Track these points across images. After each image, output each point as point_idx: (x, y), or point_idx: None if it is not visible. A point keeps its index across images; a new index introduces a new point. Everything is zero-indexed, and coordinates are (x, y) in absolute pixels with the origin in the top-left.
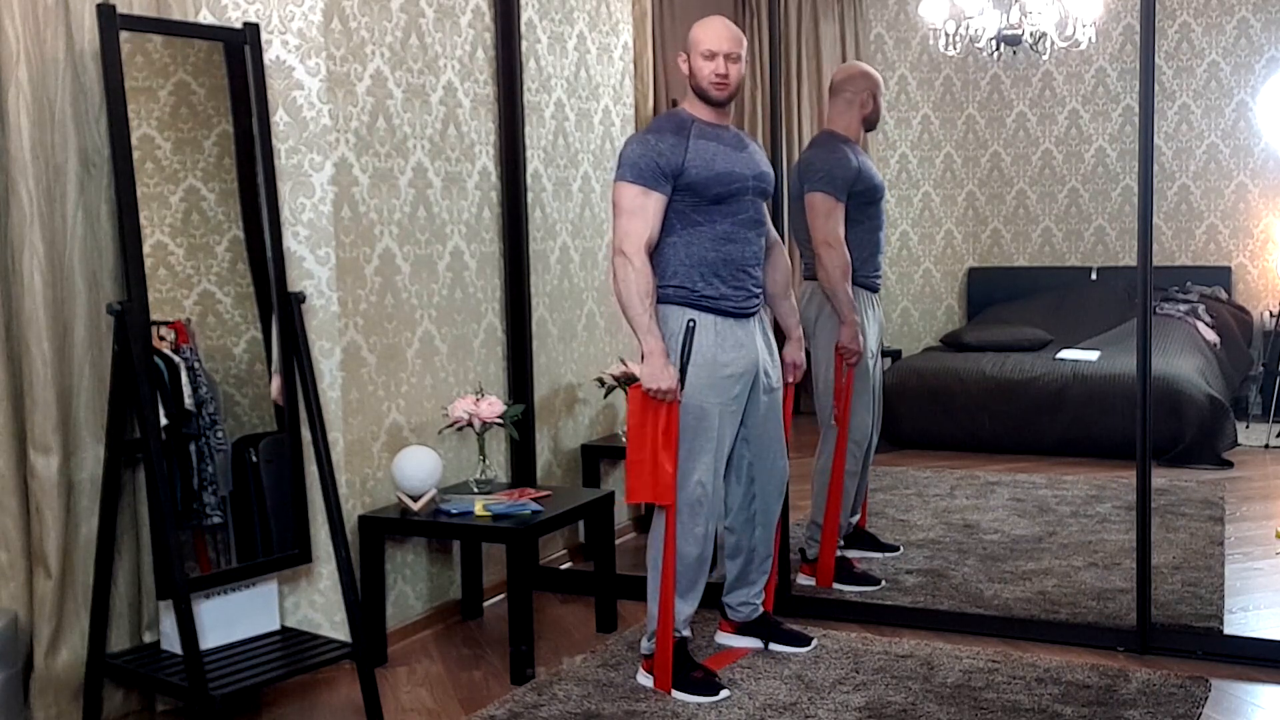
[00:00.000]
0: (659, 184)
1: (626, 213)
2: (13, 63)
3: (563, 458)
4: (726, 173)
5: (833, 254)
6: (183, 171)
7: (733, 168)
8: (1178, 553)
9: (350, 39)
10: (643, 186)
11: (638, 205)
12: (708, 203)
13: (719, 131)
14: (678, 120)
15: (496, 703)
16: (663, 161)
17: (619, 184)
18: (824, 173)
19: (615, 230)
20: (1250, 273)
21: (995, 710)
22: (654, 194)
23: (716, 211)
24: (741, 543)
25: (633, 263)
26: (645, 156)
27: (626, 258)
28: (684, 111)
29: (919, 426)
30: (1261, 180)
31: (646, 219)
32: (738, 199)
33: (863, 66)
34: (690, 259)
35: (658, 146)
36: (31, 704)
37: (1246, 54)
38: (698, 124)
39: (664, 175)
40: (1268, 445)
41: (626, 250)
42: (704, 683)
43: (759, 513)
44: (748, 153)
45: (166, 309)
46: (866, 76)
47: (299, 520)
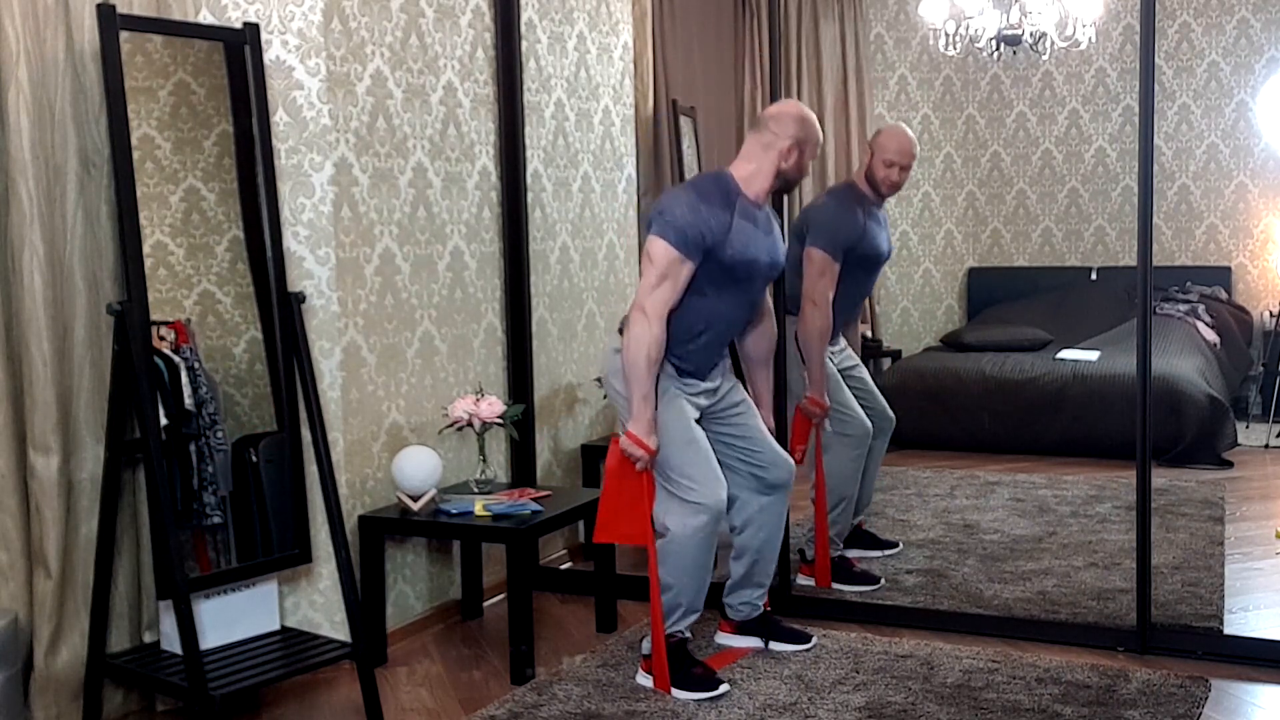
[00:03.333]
0: (696, 255)
1: (659, 274)
2: (13, 63)
3: (563, 458)
4: (752, 260)
5: (815, 314)
6: (183, 171)
7: (759, 255)
8: (1178, 553)
9: (350, 39)
10: (682, 254)
11: (673, 271)
12: (720, 280)
13: (756, 214)
14: (725, 192)
15: (496, 703)
16: (708, 236)
17: (661, 241)
18: (830, 231)
19: (643, 286)
20: (1250, 273)
21: (995, 710)
22: (689, 263)
23: (726, 290)
24: (749, 543)
25: (652, 327)
26: (694, 226)
27: (648, 320)
28: (731, 181)
29: (919, 426)
30: (1261, 180)
31: (676, 286)
32: (748, 282)
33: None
34: (682, 323)
35: (709, 220)
36: (31, 704)
37: (1246, 54)
38: (741, 200)
39: (703, 248)
40: (1268, 445)
41: (650, 312)
42: (704, 679)
43: (768, 510)
44: (772, 238)
45: (166, 309)
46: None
47: (299, 520)
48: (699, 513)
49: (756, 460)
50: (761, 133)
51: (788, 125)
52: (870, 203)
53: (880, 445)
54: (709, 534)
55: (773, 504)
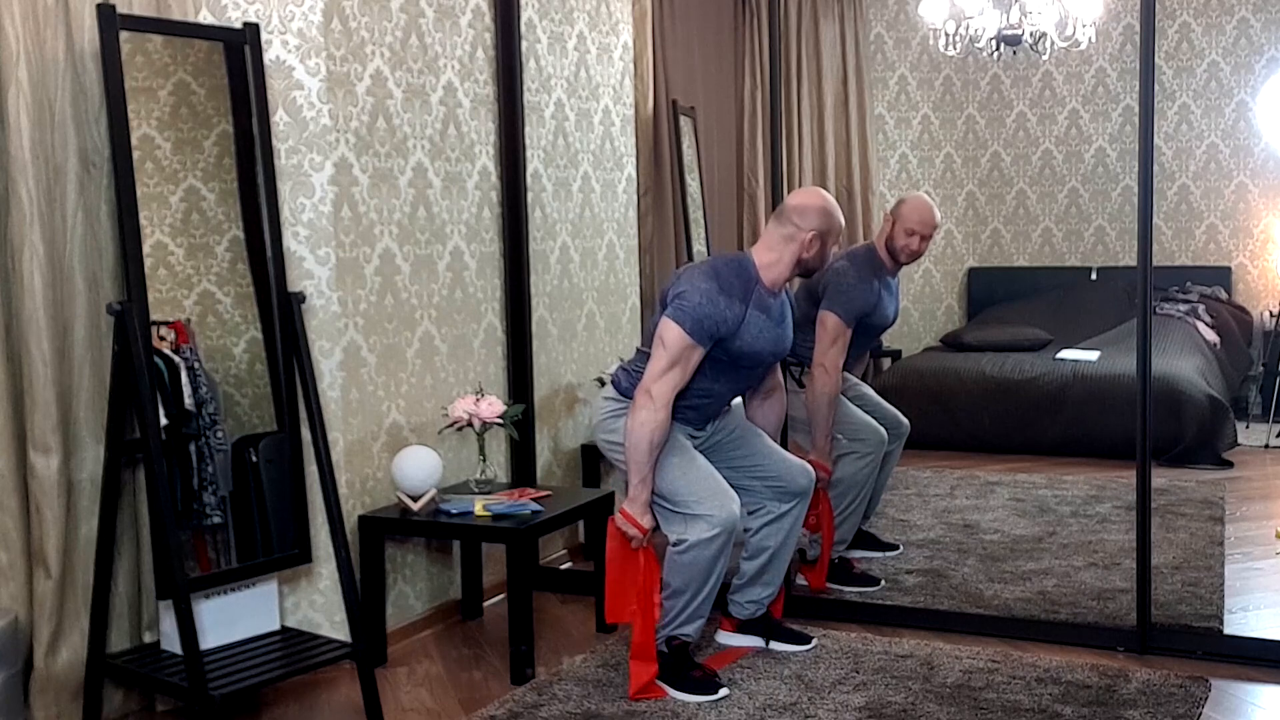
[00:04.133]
0: (706, 343)
1: (670, 359)
2: (13, 63)
3: (563, 458)
4: (759, 352)
5: (825, 379)
6: (183, 171)
7: (765, 348)
8: (1178, 553)
9: (350, 39)
10: (695, 341)
11: (684, 357)
12: (723, 366)
13: (770, 303)
14: (745, 283)
15: (496, 703)
16: (723, 327)
17: (676, 326)
18: (847, 298)
19: (653, 369)
20: (1250, 273)
21: (995, 710)
22: (699, 349)
23: (725, 374)
24: (765, 543)
25: (658, 413)
26: (710, 318)
27: (654, 405)
28: (752, 269)
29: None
30: (1261, 180)
31: (686, 372)
32: (750, 370)
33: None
34: (678, 404)
35: (725, 313)
36: (31, 704)
37: (1246, 54)
38: (759, 290)
39: (715, 337)
40: (1268, 445)
41: (656, 397)
42: (703, 682)
43: (789, 511)
44: (783, 328)
45: (166, 309)
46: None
47: (299, 520)
48: (712, 526)
49: (769, 474)
50: (784, 224)
51: (811, 218)
52: (886, 272)
53: (895, 451)
54: (723, 546)
55: (794, 509)
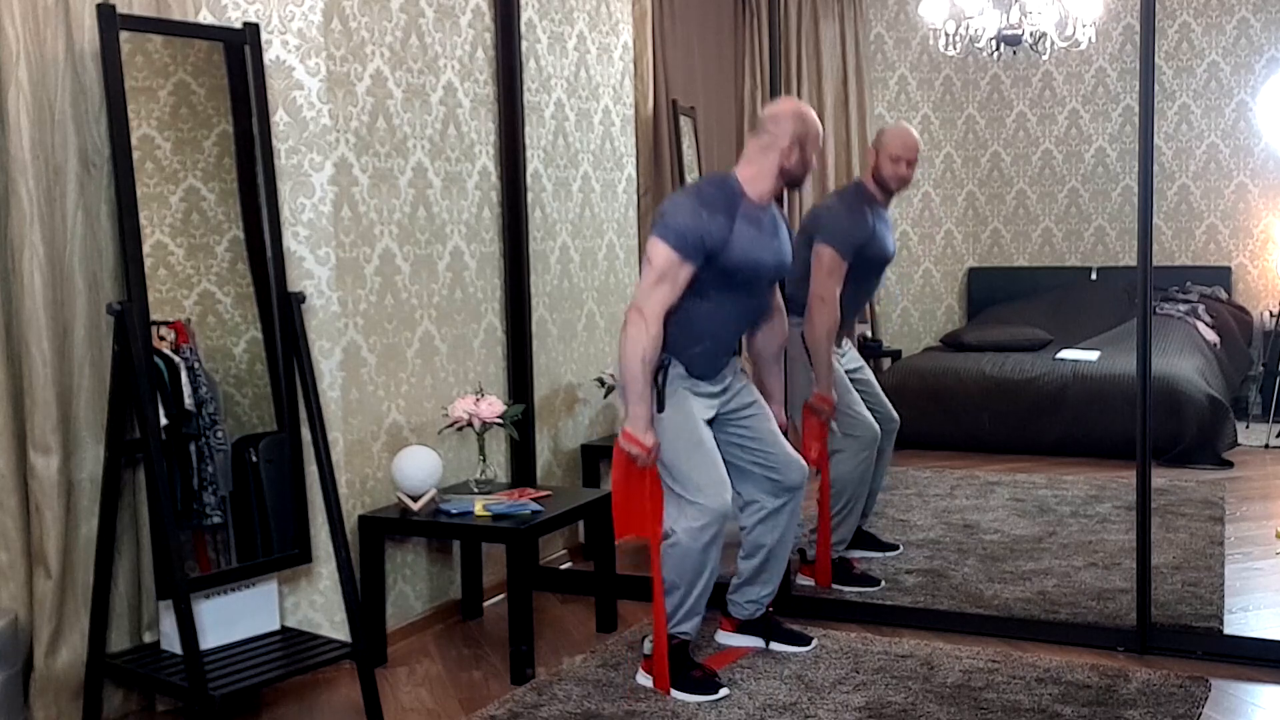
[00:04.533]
0: (696, 258)
1: (657, 274)
2: (13, 63)
3: (563, 458)
4: (756, 262)
5: (824, 311)
6: (183, 171)
7: (763, 258)
8: (1178, 553)
9: (350, 39)
10: (681, 256)
11: (671, 273)
12: (724, 283)
13: (760, 216)
14: (729, 194)
15: (496, 703)
16: (708, 239)
17: (660, 243)
18: (841, 230)
19: (642, 287)
20: (1250, 273)
21: (995, 710)
22: (688, 265)
23: (729, 294)
24: (761, 542)
25: (649, 328)
26: (694, 230)
27: (644, 320)
28: (735, 184)
29: (919, 426)
30: (1261, 180)
31: (675, 288)
32: (754, 285)
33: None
34: (686, 326)
35: (708, 224)
36: (31, 704)
37: (1246, 54)
38: (745, 203)
39: (703, 251)
40: (1268, 445)
41: (647, 313)
42: (703, 681)
43: (783, 507)
44: (778, 240)
45: (166, 309)
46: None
47: (299, 520)
48: (703, 515)
49: (770, 463)
50: (760, 135)
51: (785, 124)
52: (878, 203)
53: (887, 447)
54: (713, 537)
55: (787, 505)
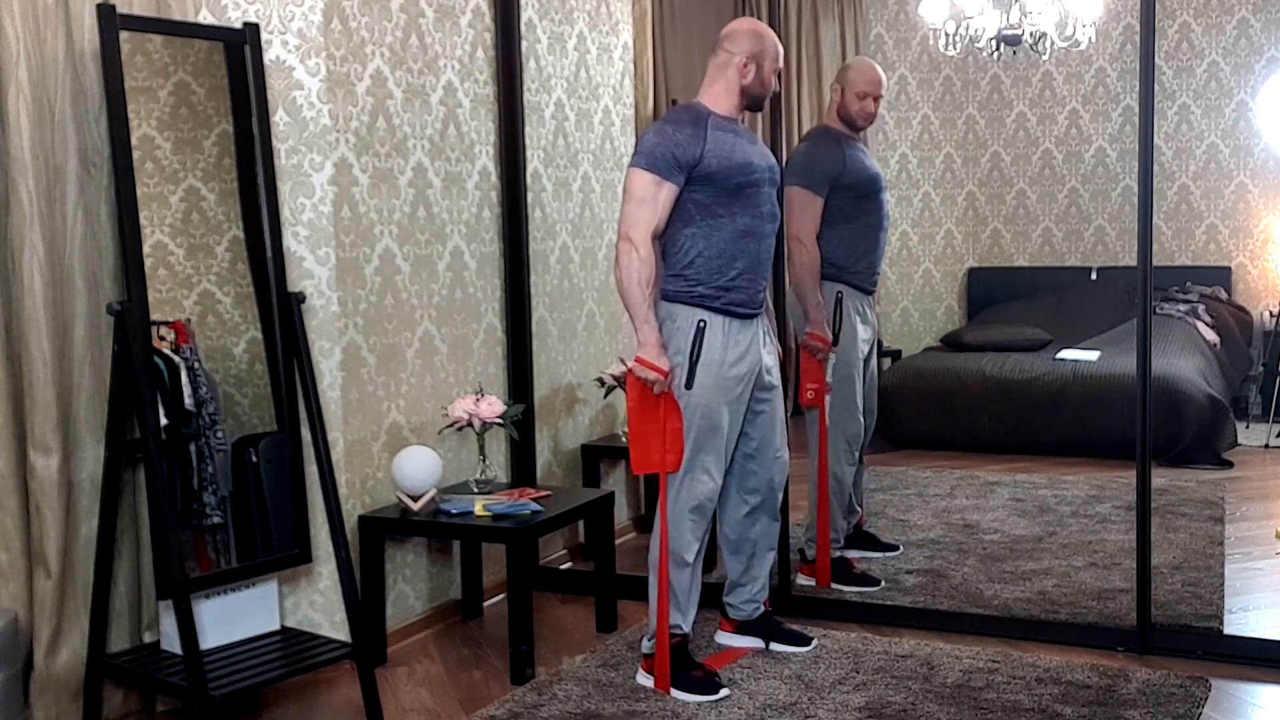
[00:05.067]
0: (673, 174)
1: (636, 200)
2: (13, 63)
3: (563, 458)
4: (745, 163)
5: (802, 250)
6: (183, 171)
7: (750, 158)
8: (1178, 553)
9: (350, 39)
10: (656, 175)
11: (649, 194)
12: (727, 194)
13: (734, 125)
14: (695, 113)
15: (496, 703)
16: (679, 152)
17: (633, 170)
18: (802, 166)
19: (623, 216)
20: (1250, 273)
21: (995, 710)
22: (666, 184)
23: (736, 204)
24: (744, 540)
25: (638, 250)
26: (661, 146)
27: (632, 244)
28: (700, 105)
29: (919, 426)
30: (1261, 180)
31: (656, 208)
32: (756, 189)
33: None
34: (710, 250)
35: (675, 136)
36: (31, 704)
37: (1246, 54)
38: (714, 117)
39: (679, 166)
40: (1268, 445)
41: (633, 237)
42: (703, 681)
43: (763, 504)
44: (759, 146)
45: (166, 309)
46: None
47: (299, 520)
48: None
49: (760, 454)
50: (717, 54)
51: (740, 41)
52: (847, 138)
53: (866, 442)
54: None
55: (766, 502)
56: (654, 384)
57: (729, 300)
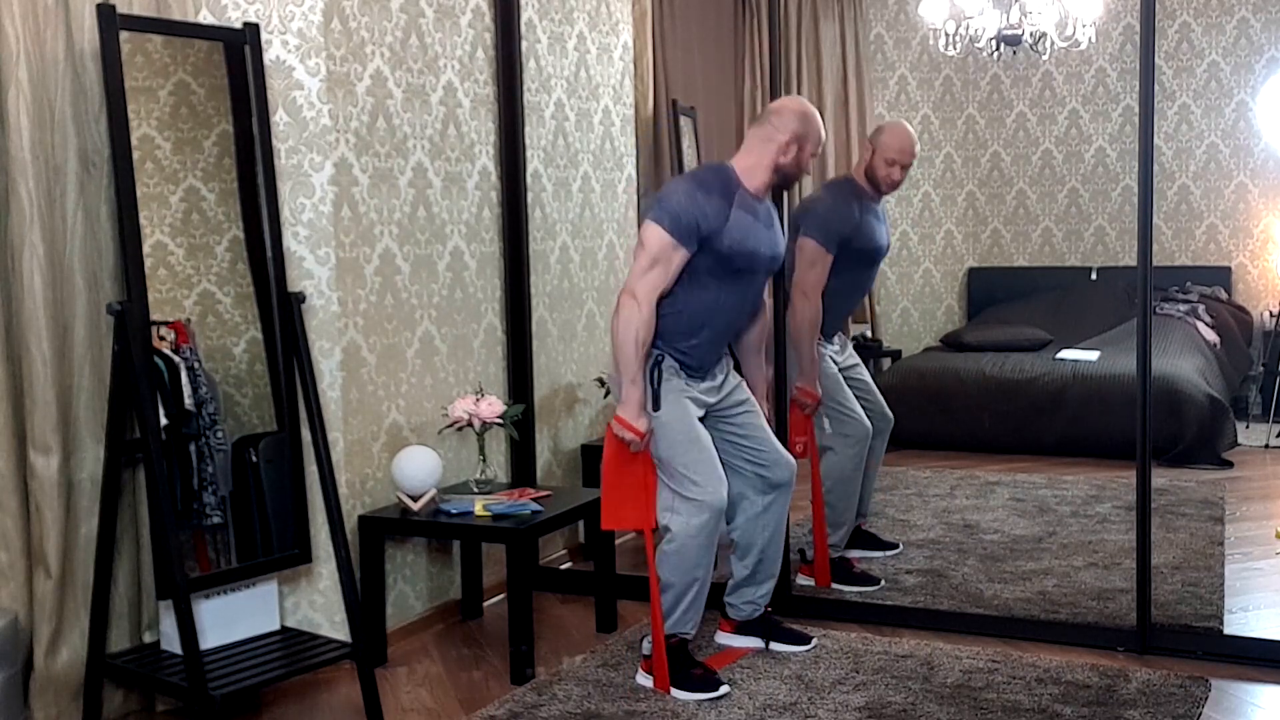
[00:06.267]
0: (690, 242)
1: (651, 258)
2: (13, 63)
3: (563, 458)
4: (753, 252)
5: (806, 305)
6: (183, 171)
7: (759, 248)
8: (1178, 553)
9: (350, 39)
10: (676, 240)
11: (664, 255)
12: (722, 271)
13: (756, 206)
14: (725, 182)
15: (496, 703)
16: (704, 223)
17: (655, 226)
18: (820, 220)
19: (635, 270)
20: (1250, 273)
21: (995, 710)
22: (682, 249)
23: (726, 282)
24: (753, 541)
25: (641, 309)
26: (689, 213)
27: (637, 302)
28: (733, 173)
29: (919, 426)
30: (1261, 180)
31: (668, 271)
32: (751, 276)
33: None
34: (684, 312)
35: (704, 208)
36: (31, 704)
37: (1246, 54)
38: (741, 192)
39: (698, 235)
40: (1268, 445)
41: (639, 295)
42: (704, 680)
43: (778, 499)
44: (773, 231)
45: (166, 309)
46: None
47: (299, 520)
48: (701, 511)
49: (760, 459)
50: (763, 125)
51: (789, 120)
52: (868, 198)
53: (880, 445)
54: (710, 532)
55: (775, 503)
56: (631, 443)
57: (684, 361)
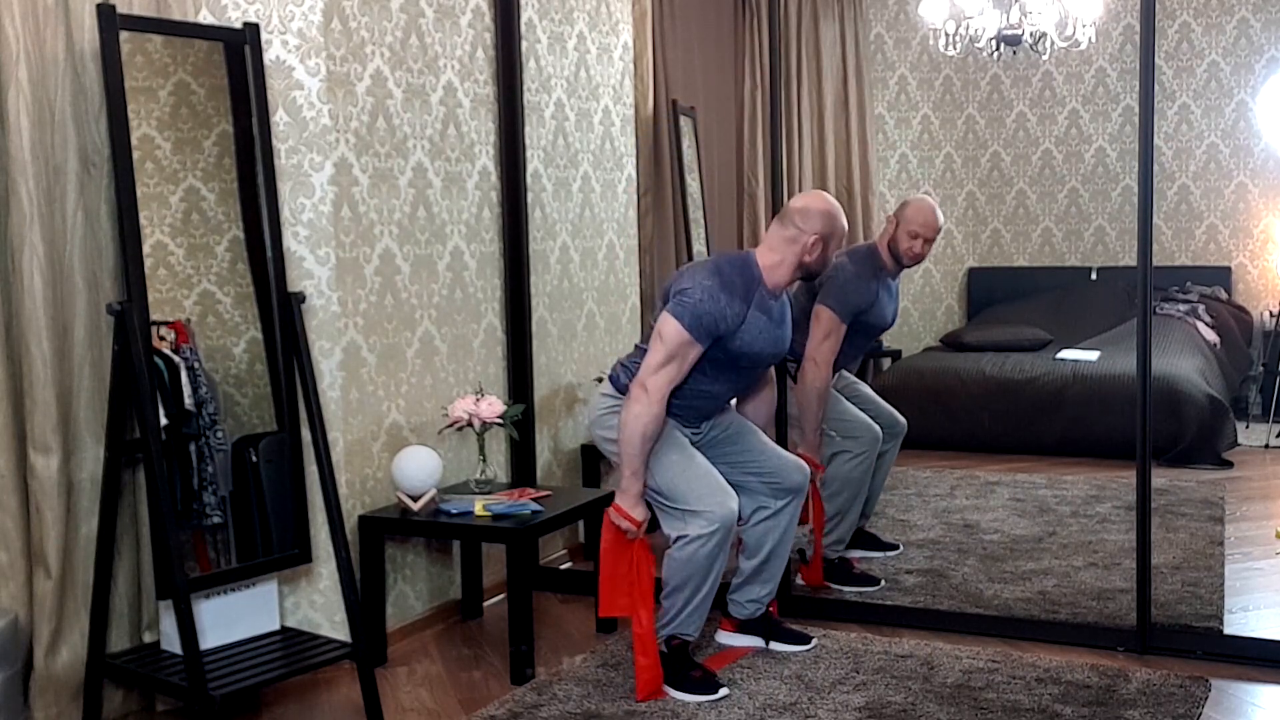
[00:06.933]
0: (706, 341)
1: (668, 354)
2: (13, 63)
3: (563, 458)
4: (759, 353)
5: (816, 373)
6: (183, 171)
7: (765, 349)
8: (1178, 553)
9: (350, 39)
10: (694, 338)
11: (681, 353)
12: (723, 365)
13: (772, 305)
14: (748, 283)
15: (496, 703)
16: (723, 326)
17: (675, 322)
18: (843, 293)
19: (649, 363)
20: (1250, 273)
21: (995, 710)
22: (698, 347)
23: (724, 374)
24: (763, 540)
25: (653, 406)
26: (711, 315)
27: (649, 398)
28: (754, 270)
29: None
30: (1261, 180)
31: (683, 368)
32: (749, 371)
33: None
34: (677, 394)
35: (726, 311)
36: (31, 704)
37: (1246, 54)
38: (761, 291)
39: (714, 335)
40: (1268, 445)
41: (652, 391)
42: (703, 682)
43: (791, 501)
44: (782, 330)
45: (166, 309)
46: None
47: (299, 520)
48: (710, 522)
49: (765, 470)
50: (786, 226)
51: (814, 221)
52: (886, 273)
53: (892, 451)
54: (719, 543)
55: (789, 505)
56: (627, 532)
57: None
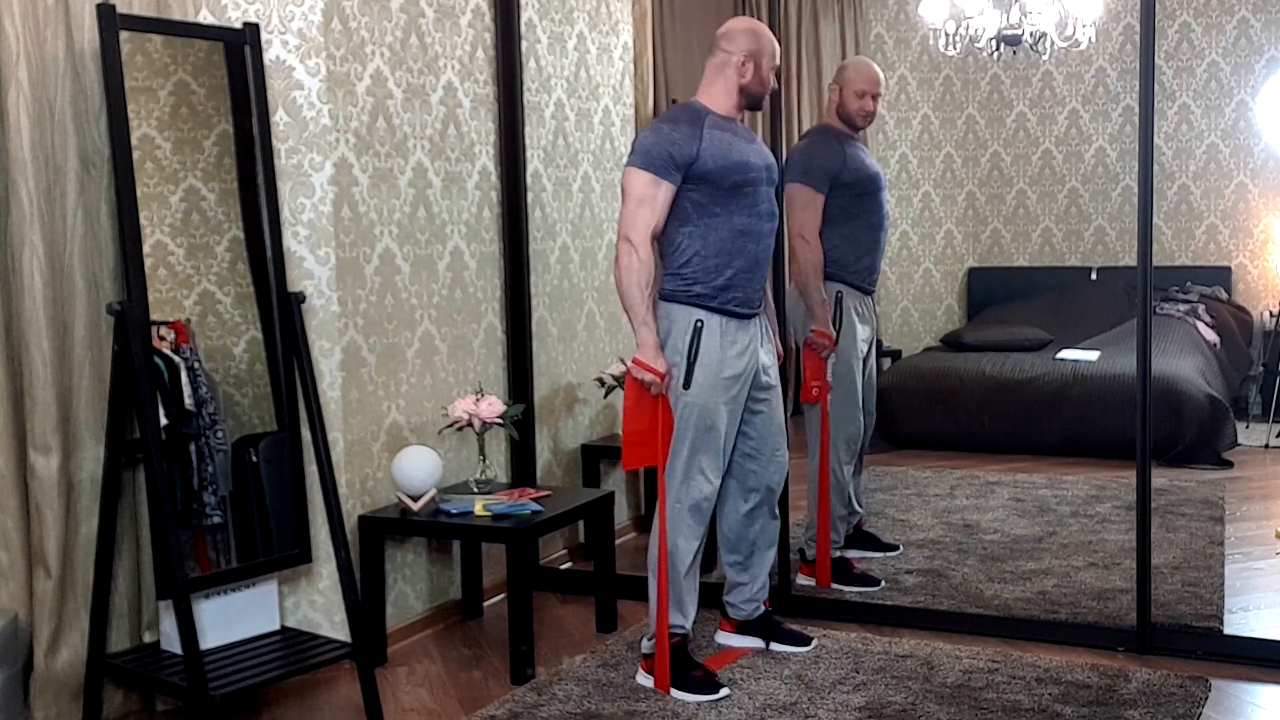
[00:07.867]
0: (670, 174)
1: (635, 200)
2: (13, 63)
3: (563, 458)
4: (742, 162)
5: (805, 248)
6: (183, 171)
7: (747, 157)
8: (1178, 553)
9: (350, 39)
10: (654, 175)
11: (647, 194)
12: (724, 193)
13: (732, 124)
14: (692, 111)
15: (496, 703)
16: (676, 151)
17: (630, 169)
18: (802, 164)
19: (623, 216)
20: (1250, 273)
21: (995, 710)
22: (664, 184)
23: (733, 203)
24: (743, 540)
25: (638, 252)
26: (658, 145)
27: (632, 246)
28: (698, 104)
29: (919, 426)
30: (1261, 180)
31: (655, 208)
32: (754, 188)
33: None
34: (707, 250)
35: (671, 135)
36: (31, 704)
37: (1246, 54)
38: (712, 116)
39: (675, 165)
40: (1268, 445)
41: (633, 239)
42: (703, 681)
43: (762, 503)
44: (757, 145)
45: (166, 309)
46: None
47: (299, 520)
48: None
49: (759, 454)
50: (714, 54)
51: (738, 40)
52: (847, 136)
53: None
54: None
55: (764, 503)
56: (650, 385)
57: (726, 300)
